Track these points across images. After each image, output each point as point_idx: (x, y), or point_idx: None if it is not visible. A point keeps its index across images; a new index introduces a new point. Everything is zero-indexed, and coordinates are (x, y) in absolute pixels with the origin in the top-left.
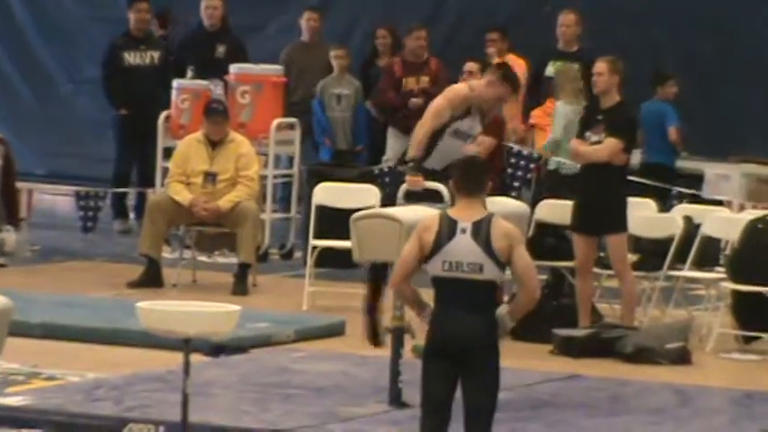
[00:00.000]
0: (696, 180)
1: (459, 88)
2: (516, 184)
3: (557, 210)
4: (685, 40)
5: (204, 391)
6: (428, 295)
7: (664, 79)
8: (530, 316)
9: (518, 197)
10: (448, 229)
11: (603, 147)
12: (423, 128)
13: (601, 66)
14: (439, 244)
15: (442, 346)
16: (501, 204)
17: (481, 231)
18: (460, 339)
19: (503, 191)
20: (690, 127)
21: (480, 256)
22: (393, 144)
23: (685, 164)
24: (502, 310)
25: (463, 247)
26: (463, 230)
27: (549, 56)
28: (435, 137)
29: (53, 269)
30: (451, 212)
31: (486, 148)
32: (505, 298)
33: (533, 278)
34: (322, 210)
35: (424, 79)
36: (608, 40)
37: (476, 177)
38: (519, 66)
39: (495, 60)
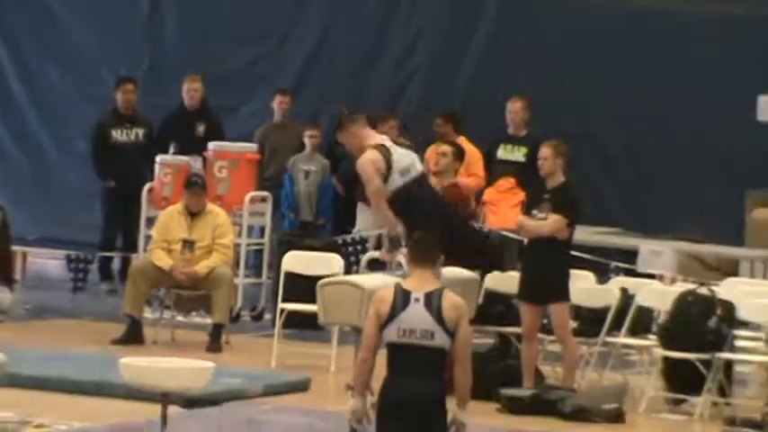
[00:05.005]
0: (631, 255)
1: (368, 159)
2: None
3: (505, 280)
4: (627, 128)
5: None
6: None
7: None
8: (478, 376)
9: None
10: (402, 299)
11: (548, 223)
12: (381, 208)
13: (545, 150)
14: (394, 313)
15: (395, 409)
16: (454, 274)
17: (433, 302)
18: (413, 403)
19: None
20: (628, 206)
21: (432, 324)
22: (362, 217)
23: (622, 240)
24: (452, 414)
25: (416, 316)
26: (416, 300)
27: (499, 139)
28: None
29: (44, 326)
30: (405, 284)
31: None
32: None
33: (468, 355)
34: (290, 276)
35: None
36: (555, 126)
37: (427, 251)
38: (470, 150)
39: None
